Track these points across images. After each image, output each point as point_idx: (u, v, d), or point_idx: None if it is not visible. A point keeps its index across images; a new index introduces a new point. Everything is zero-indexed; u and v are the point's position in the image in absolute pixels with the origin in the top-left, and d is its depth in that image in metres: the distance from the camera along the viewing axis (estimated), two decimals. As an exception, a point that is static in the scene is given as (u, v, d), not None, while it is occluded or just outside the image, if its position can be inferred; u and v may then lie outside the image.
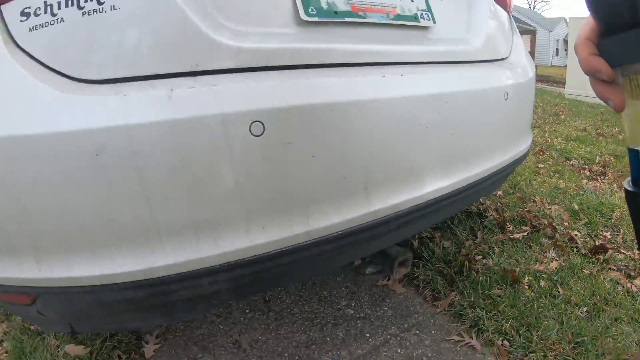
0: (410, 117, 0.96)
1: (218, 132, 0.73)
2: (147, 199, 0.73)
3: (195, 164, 0.74)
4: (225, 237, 0.80)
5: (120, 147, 0.69)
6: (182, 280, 0.78)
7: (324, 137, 0.84)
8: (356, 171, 0.89)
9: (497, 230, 1.88)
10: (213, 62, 0.77)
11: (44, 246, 0.75)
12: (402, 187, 0.99)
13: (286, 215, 0.85)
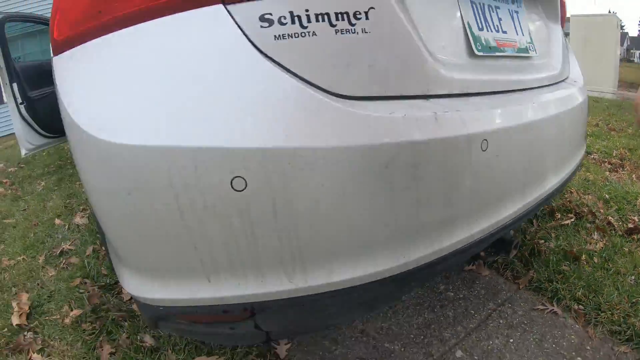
0: (534, 138, 1.10)
1: (465, 148, 0.84)
2: (418, 203, 0.80)
3: (451, 174, 0.84)
4: (458, 229, 0.90)
5: (405, 160, 0.76)
6: (424, 269, 0.86)
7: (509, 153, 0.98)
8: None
9: (549, 219, 2.11)
10: (437, 89, 0.86)
11: (305, 256, 0.75)
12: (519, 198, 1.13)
13: (487, 211, 0.96)
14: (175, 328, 0.95)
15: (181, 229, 0.69)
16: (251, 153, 0.67)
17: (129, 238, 0.75)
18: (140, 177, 0.68)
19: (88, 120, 0.70)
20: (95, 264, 1.84)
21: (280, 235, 0.72)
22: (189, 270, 0.74)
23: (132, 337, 1.41)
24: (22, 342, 1.48)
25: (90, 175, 0.75)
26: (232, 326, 0.84)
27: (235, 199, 0.68)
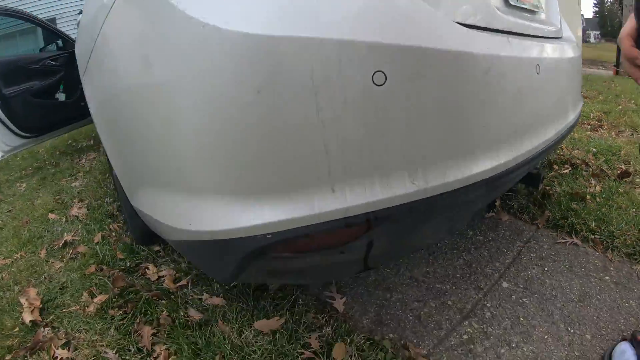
0: (562, 74, 1.24)
1: (528, 68, 0.99)
2: (503, 110, 0.86)
3: (522, 89, 0.96)
4: (526, 140, 0.96)
5: (497, 70, 0.86)
6: (507, 175, 0.91)
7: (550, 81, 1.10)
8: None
9: (549, 170, 2.26)
10: (497, 24, 1.00)
11: (427, 155, 0.78)
12: (555, 123, 1.23)
13: (541, 129, 1.04)
14: (264, 270, 0.92)
15: (315, 130, 0.68)
16: (392, 50, 0.69)
17: (247, 150, 0.72)
18: (277, 71, 0.65)
19: (209, 13, 0.67)
20: (108, 249, 1.73)
21: (410, 132, 0.73)
22: (313, 180, 0.72)
23: (173, 314, 1.34)
24: (40, 339, 1.36)
25: (207, 78, 0.71)
26: (343, 249, 0.82)
27: (375, 93, 0.68)
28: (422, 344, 1.19)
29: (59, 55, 3.15)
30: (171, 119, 0.79)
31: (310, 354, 1.14)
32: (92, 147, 3.89)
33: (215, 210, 0.79)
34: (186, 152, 0.79)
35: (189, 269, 1.57)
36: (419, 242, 0.95)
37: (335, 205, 0.73)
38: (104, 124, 1.28)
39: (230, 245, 0.83)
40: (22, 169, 3.46)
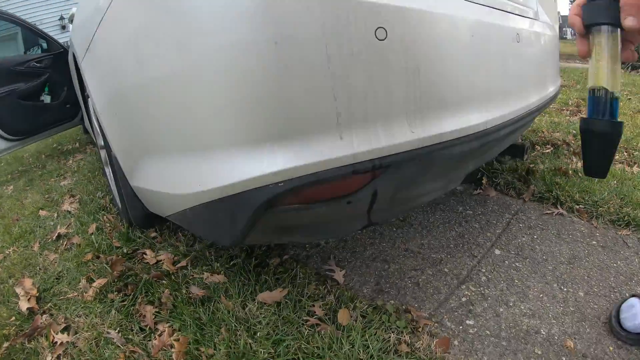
0: (540, 47, 1.31)
1: (509, 34, 1.08)
2: (488, 71, 0.93)
3: (504, 54, 1.05)
4: (512, 101, 1.03)
5: (483, 33, 0.96)
6: (495, 132, 0.97)
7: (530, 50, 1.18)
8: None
9: (532, 150, 2.35)
10: None
11: (424, 105, 0.84)
12: (536, 91, 1.31)
13: (523, 93, 1.11)
14: (273, 226, 0.95)
15: (325, 79, 0.73)
16: (392, 9, 0.76)
17: (263, 99, 0.76)
18: (293, 25, 0.70)
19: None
20: (104, 238, 1.73)
21: (408, 83, 0.78)
22: (323, 127, 0.77)
23: (175, 293, 1.35)
24: (38, 325, 1.35)
25: (226, 32, 0.75)
26: (350, 199, 0.86)
27: (377, 47, 0.74)
28: (423, 308, 1.24)
29: (44, 57, 3.13)
30: (186, 76, 0.82)
31: (315, 320, 1.18)
32: (78, 149, 3.85)
33: (229, 164, 0.82)
34: (201, 108, 0.82)
35: (188, 251, 1.59)
36: (418, 195, 0.99)
37: (344, 152, 0.78)
38: (105, 100, 1.30)
39: (240, 200, 0.86)
40: (7, 173, 3.41)
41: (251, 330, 1.17)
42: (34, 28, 3.28)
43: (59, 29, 10.03)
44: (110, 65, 1.18)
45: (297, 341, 1.10)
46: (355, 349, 1.06)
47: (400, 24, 0.78)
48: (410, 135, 0.82)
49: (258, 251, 1.55)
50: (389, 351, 1.06)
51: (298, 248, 1.59)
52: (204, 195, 0.92)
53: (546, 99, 1.35)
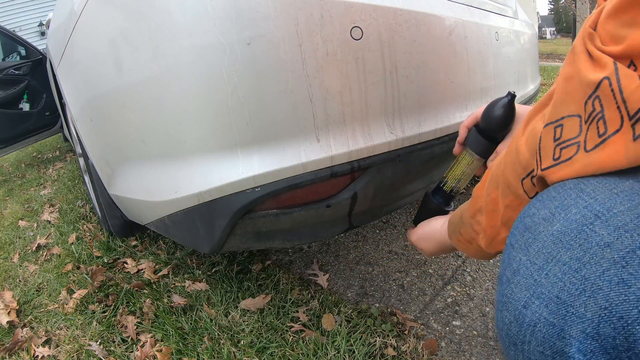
0: (519, 45, 1.32)
1: (487, 33, 1.10)
2: (468, 69, 0.92)
3: (483, 53, 1.03)
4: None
5: (459, 33, 0.94)
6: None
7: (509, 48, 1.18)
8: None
9: None
10: None
11: (402, 105, 0.83)
12: (517, 88, 1.31)
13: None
14: (251, 232, 0.93)
15: (301, 80, 0.71)
16: (367, 8, 0.75)
17: (237, 103, 0.74)
18: (266, 25, 0.68)
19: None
20: (84, 248, 1.69)
21: (385, 83, 0.77)
22: (299, 130, 0.75)
23: (156, 302, 1.33)
24: (19, 339, 1.32)
25: (196, 34, 0.73)
26: (329, 202, 0.85)
27: (353, 47, 0.72)
28: (409, 310, 1.23)
29: (23, 64, 3.07)
30: (160, 81, 0.80)
31: (299, 326, 1.16)
32: (59, 157, 3.79)
33: (204, 170, 0.81)
34: (175, 113, 0.80)
35: (169, 259, 1.56)
36: (400, 197, 0.98)
37: (321, 154, 0.76)
38: (81, 106, 1.27)
39: (217, 206, 0.84)
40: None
41: (234, 338, 1.14)
42: (12, 34, 3.22)
43: (38, 35, 9.89)
44: (85, 71, 1.15)
45: (282, 348, 1.08)
46: (341, 355, 1.04)
47: (376, 23, 0.77)
48: (389, 136, 0.82)
49: (240, 257, 1.53)
50: (375, 355, 1.04)
51: (280, 253, 1.57)
52: (181, 202, 0.90)
53: (526, 97, 1.35)
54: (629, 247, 0.28)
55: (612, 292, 0.28)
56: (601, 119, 0.33)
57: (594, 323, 0.28)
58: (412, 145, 0.84)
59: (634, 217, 0.29)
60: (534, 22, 1.99)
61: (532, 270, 0.34)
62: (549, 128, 0.39)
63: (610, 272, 0.28)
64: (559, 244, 0.32)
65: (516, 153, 0.45)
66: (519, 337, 0.34)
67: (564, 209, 0.34)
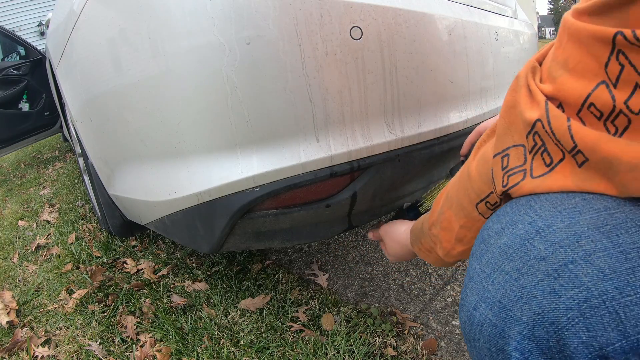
0: (519, 45, 1.33)
1: (487, 33, 1.07)
2: (468, 69, 0.91)
3: (482, 52, 1.02)
4: (490, 100, 1.02)
5: (458, 32, 0.93)
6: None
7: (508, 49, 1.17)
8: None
9: None
10: None
11: (402, 105, 0.83)
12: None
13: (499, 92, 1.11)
14: (250, 232, 0.93)
15: (300, 80, 0.71)
16: (367, 7, 0.75)
17: (237, 103, 0.74)
18: (265, 25, 0.68)
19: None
20: (83, 248, 1.69)
21: (384, 83, 0.77)
22: (299, 129, 0.75)
23: (156, 302, 1.33)
24: (19, 339, 1.32)
25: (196, 35, 0.73)
26: (329, 202, 0.85)
27: (353, 46, 0.72)
28: (408, 310, 1.23)
29: (22, 64, 3.07)
30: (160, 80, 0.80)
31: (299, 326, 1.16)
32: (58, 157, 3.78)
33: (204, 170, 0.81)
34: (175, 113, 0.80)
35: (169, 259, 1.56)
36: (399, 196, 0.98)
37: (320, 154, 0.76)
38: (80, 106, 1.27)
39: (217, 206, 0.84)
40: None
41: (234, 338, 1.14)
42: (12, 34, 3.22)
43: (37, 35, 9.88)
44: (84, 71, 1.15)
45: (281, 348, 1.08)
46: (340, 354, 1.04)
47: (376, 22, 0.77)
48: (388, 136, 0.81)
49: (240, 257, 1.53)
50: (375, 355, 1.04)
51: (280, 253, 1.57)
52: (181, 202, 0.90)
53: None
54: (562, 261, 0.31)
55: (544, 300, 0.31)
56: (545, 151, 0.36)
57: (529, 326, 0.31)
58: (412, 145, 0.84)
59: (571, 234, 0.32)
60: (533, 21, 2.00)
61: (482, 277, 0.38)
62: (497, 159, 0.42)
63: (544, 282, 0.31)
64: (504, 255, 0.36)
65: (468, 179, 0.48)
66: (471, 335, 0.38)
67: (512, 224, 0.37)
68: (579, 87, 0.33)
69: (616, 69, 0.30)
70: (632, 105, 0.29)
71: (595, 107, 0.32)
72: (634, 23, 0.28)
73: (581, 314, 0.29)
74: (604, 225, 0.31)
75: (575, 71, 0.33)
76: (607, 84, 0.31)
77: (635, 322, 0.27)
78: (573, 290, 0.30)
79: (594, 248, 0.30)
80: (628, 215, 0.31)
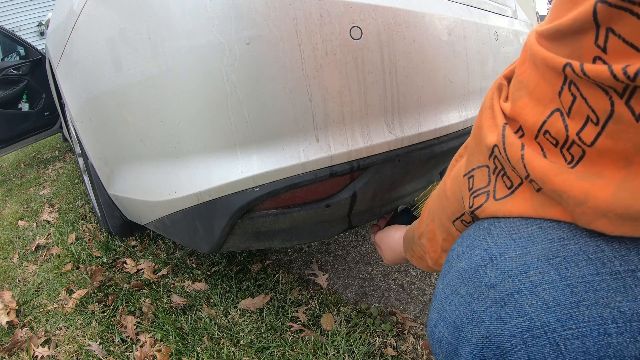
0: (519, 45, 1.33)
1: (487, 33, 1.06)
2: (468, 68, 0.91)
3: (482, 53, 1.03)
4: None
5: (458, 32, 0.93)
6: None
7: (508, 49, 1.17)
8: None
9: None
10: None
11: (402, 105, 0.83)
12: None
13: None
14: (250, 232, 0.93)
15: (300, 80, 0.71)
16: (367, 7, 0.74)
17: (237, 102, 0.74)
18: (265, 24, 0.68)
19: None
20: (83, 248, 1.69)
21: (384, 83, 0.77)
22: (299, 130, 0.75)
23: (156, 302, 1.33)
24: (18, 339, 1.32)
25: (196, 36, 0.73)
26: (329, 202, 0.85)
27: (352, 47, 0.72)
28: (408, 310, 1.23)
29: (22, 64, 3.07)
30: (160, 80, 0.80)
31: (299, 326, 1.16)
32: (58, 157, 3.78)
33: (203, 170, 0.81)
34: (175, 113, 0.80)
35: (168, 259, 1.56)
36: (399, 196, 0.98)
37: (320, 154, 0.76)
38: (80, 106, 1.27)
39: (217, 206, 0.84)
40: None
41: (234, 338, 1.14)
42: (12, 34, 3.22)
43: (37, 35, 9.88)
44: (84, 71, 1.15)
45: (281, 348, 1.08)
46: (340, 354, 1.04)
47: (375, 22, 0.77)
48: (388, 136, 0.81)
49: (239, 257, 1.53)
50: (375, 355, 1.04)
51: (280, 253, 1.57)
52: (181, 202, 0.90)
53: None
54: (509, 290, 0.32)
55: (492, 325, 0.32)
56: (504, 175, 0.37)
57: (478, 347, 0.33)
58: (412, 145, 0.84)
59: (520, 264, 0.32)
60: (533, 21, 2.01)
61: (442, 297, 0.39)
62: (464, 179, 0.43)
63: (492, 309, 0.33)
64: (460, 279, 0.37)
65: (445, 196, 0.49)
66: (434, 349, 0.40)
67: (471, 249, 0.38)
68: (536, 112, 0.32)
69: (569, 99, 0.29)
70: (584, 137, 0.29)
71: (550, 135, 0.31)
72: (586, 54, 0.26)
73: (523, 342, 0.30)
74: (554, 257, 0.31)
75: (534, 94, 0.33)
76: (562, 111, 0.30)
77: (575, 355, 0.27)
78: (517, 319, 0.30)
79: (540, 280, 0.31)
80: (582, 247, 0.31)
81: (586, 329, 0.28)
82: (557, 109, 0.30)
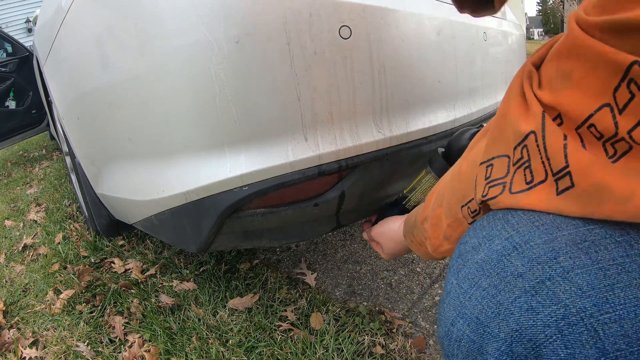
0: (507, 45, 1.35)
1: (475, 34, 1.07)
2: (456, 68, 0.93)
3: (470, 52, 1.05)
4: (478, 101, 1.03)
5: (446, 32, 0.95)
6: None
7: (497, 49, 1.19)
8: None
9: None
10: None
11: (390, 104, 0.83)
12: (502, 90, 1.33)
13: (489, 92, 1.12)
14: (238, 231, 0.93)
15: (289, 79, 0.71)
16: (356, 7, 0.75)
17: (225, 101, 0.74)
18: (254, 23, 0.68)
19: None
20: (71, 248, 1.67)
21: (373, 83, 0.77)
22: (287, 129, 0.75)
23: (144, 302, 1.32)
24: (6, 340, 1.30)
25: (184, 33, 0.73)
26: (317, 201, 0.85)
27: (341, 46, 0.73)
28: (397, 308, 1.23)
29: (9, 61, 3.03)
30: (147, 79, 0.80)
31: (288, 325, 1.16)
32: (45, 156, 3.74)
33: (191, 168, 0.80)
34: (163, 112, 0.80)
35: (157, 258, 1.55)
36: (387, 195, 0.99)
37: (308, 153, 0.76)
38: (67, 104, 1.25)
39: (205, 205, 0.84)
40: (-31, 184, 3.28)
41: (223, 338, 1.14)
42: (-3, 31, 3.17)
43: (25, 32, 9.75)
44: (72, 68, 1.14)
45: (270, 347, 1.08)
46: (329, 353, 1.04)
47: (365, 22, 0.78)
48: (376, 135, 0.82)
49: (228, 256, 1.52)
50: (364, 354, 1.05)
51: (268, 252, 1.57)
52: (169, 201, 0.89)
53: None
54: (539, 278, 0.31)
55: (522, 317, 0.31)
56: (528, 167, 0.35)
57: (507, 342, 0.31)
58: (400, 145, 0.84)
59: (548, 250, 0.31)
60: (522, 22, 2.03)
61: (459, 293, 0.37)
62: (482, 167, 0.41)
63: (521, 299, 0.31)
64: (481, 271, 0.35)
65: (458, 178, 0.48)
66: (450, 351, 0.38)
67: (489, 239, 0.37)
68: (582, 103, 0.31)
69: (625, 96, 0.28)
70: (635, 136, 0.28)
71: (595, 129, 0.30)
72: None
73: (559, 331, 0.29)
74: (582, 242, 0.31)
75: (579, 86, 0.31)
76: (612, 107, 0.29)
77: (614, 340, 0.27)
78: (551, 307, 0.29)
79: (572, 265, 0.30)
80: (607, 230, 0.31)
81: (623, 311, 0.27)
82: (607, 104, 0.29)
